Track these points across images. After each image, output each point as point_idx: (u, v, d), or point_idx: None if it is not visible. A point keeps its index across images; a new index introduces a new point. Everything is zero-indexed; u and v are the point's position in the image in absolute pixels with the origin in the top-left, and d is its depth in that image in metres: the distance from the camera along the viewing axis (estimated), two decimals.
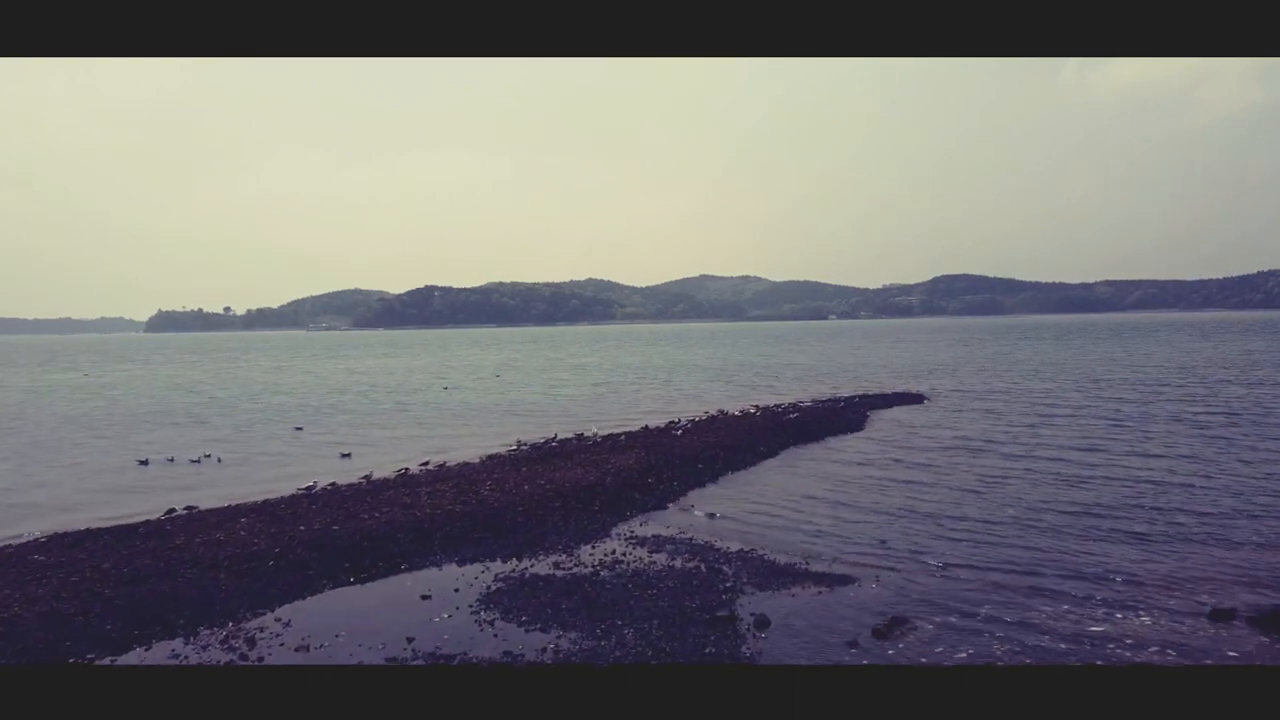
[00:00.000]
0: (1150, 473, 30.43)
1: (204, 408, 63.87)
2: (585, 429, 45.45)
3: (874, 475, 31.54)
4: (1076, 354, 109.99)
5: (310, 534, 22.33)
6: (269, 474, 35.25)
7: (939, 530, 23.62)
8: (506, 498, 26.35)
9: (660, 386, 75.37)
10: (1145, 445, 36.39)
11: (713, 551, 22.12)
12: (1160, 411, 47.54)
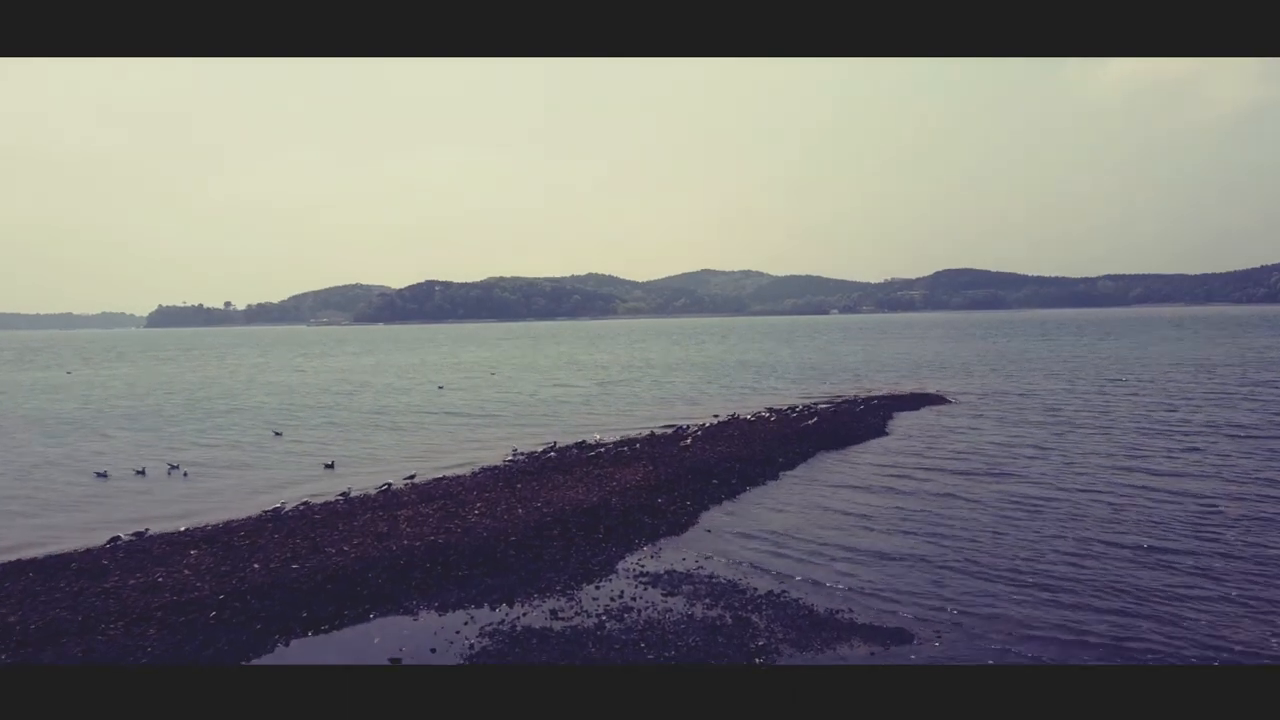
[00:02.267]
0: (1210, 497, 27.20)
1: (183, 410, 60.60)
2: (586, 436, 42.17)
3: (908, 494, 28.27)
4: (1087, 351, 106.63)
5: (265, 573, 19.06)
6: (236, 490, 31.99)
7: (993, 563, 20.37)
8: (497, 525, 23.07)
9: (663, 387, 72.04)
10: (1192, 459, 33.13)
11: (737, 594, 18.87)
12: (1196, 418, 44.25)
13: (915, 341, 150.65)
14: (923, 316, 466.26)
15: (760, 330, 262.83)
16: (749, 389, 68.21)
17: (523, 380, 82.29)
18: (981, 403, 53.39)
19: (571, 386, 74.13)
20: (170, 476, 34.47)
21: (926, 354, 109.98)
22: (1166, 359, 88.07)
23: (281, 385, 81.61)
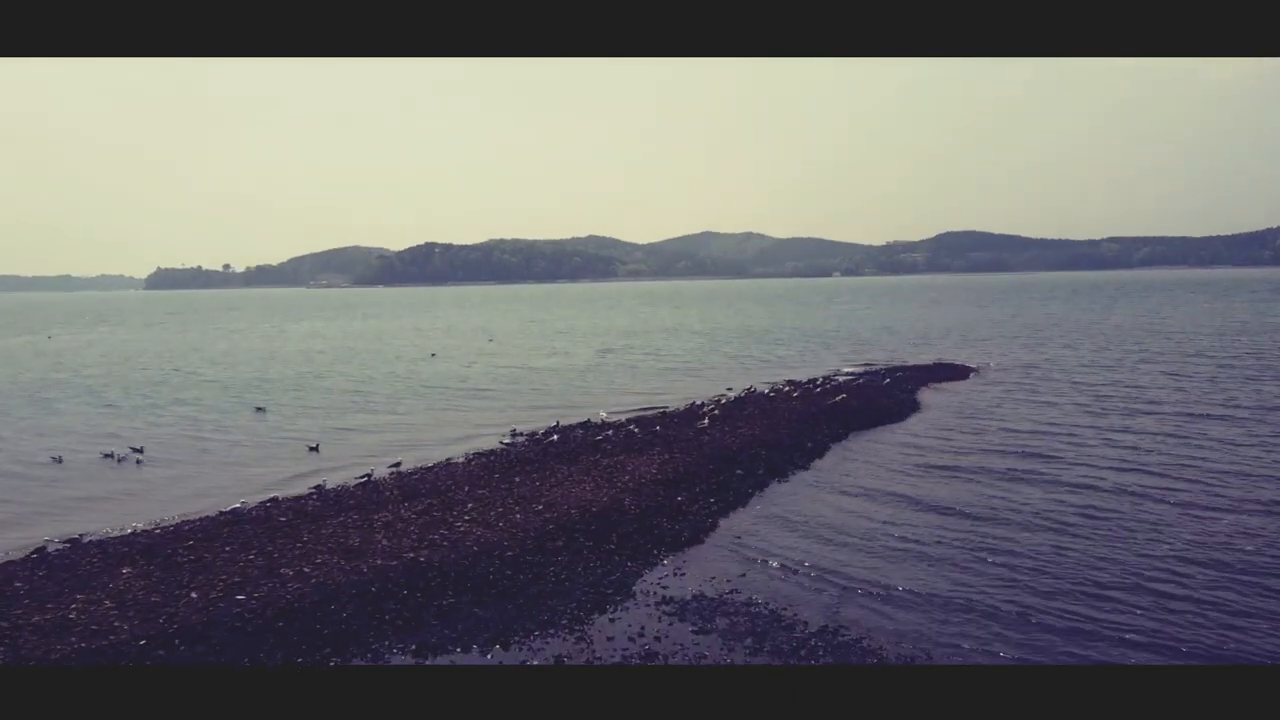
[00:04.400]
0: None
1: (162, 381, 56.92)
2: (590, 414, 38.56)
3: (955, 490, 24.67)
4: (1101, 318, 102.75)
5: (202, 606, 15.49)
6: (202, 478, 28.41)
7: (1079, 576, 16.86)
8: (490, 535, 19.48)
9: (667, 356, 68.24)
10: (1246, 444, 29.54)
11: (783, 631, 15.39)
12: (1238, 393, 40.60)
13: (924, 307, 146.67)
14: (926, 279, 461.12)
15: (763, 294, 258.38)
16: (757, 359, 64.45)
17: (521, 348, 78.59)
18: (1008, 376, 49.77)
19: (571, 355, 70.38)
20: (124, 462, 30.86)
21: (939, 321, 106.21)
22: (1185, 326, 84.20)
23: (270, 353, 77.90)
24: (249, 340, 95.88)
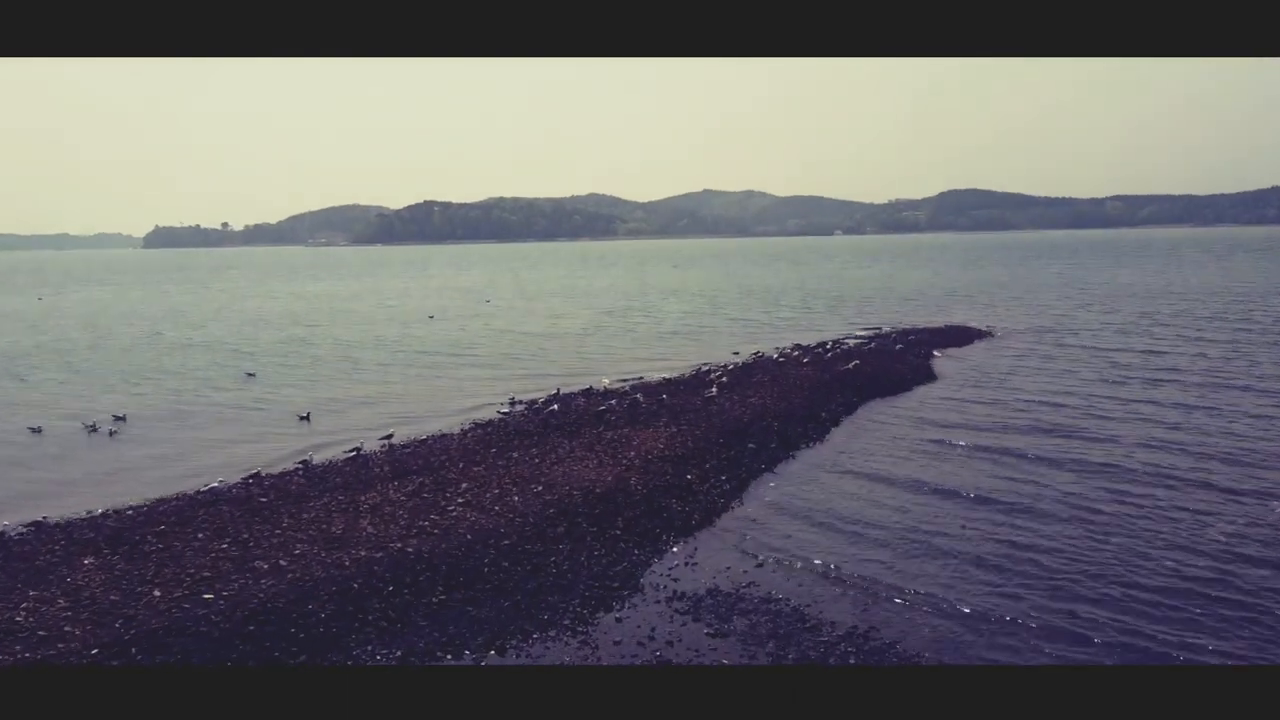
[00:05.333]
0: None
1: (149, 344, 55.35)
2: (593, 379, 37.01)
3: (980, 467, 23.21)
4: (1109, 278, 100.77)
5: (165, 607, 14.01)
6: (185, 451, 26.94)
7: (1121, 576, 15.42)
8: (486, 520, 17.98)
9: (669, 318, 66.53)
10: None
11: (808, 633, 13.96)
12: (1262, 360, 39.08)
13: (930, 267, 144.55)
14: (929, 238, 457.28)
15: (764, 253, 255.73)
16: (762, 322, 62.72)
17: (520, 310, 76.88)
18: (1020, 340, 48.16)
19: (572, 317, 68.66)
20: (105, 433, 29.37)
21: (945, 281, 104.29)
22: (1196, 287, 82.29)
23: (262, 315, 76.24)
24: (242, 301, 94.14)
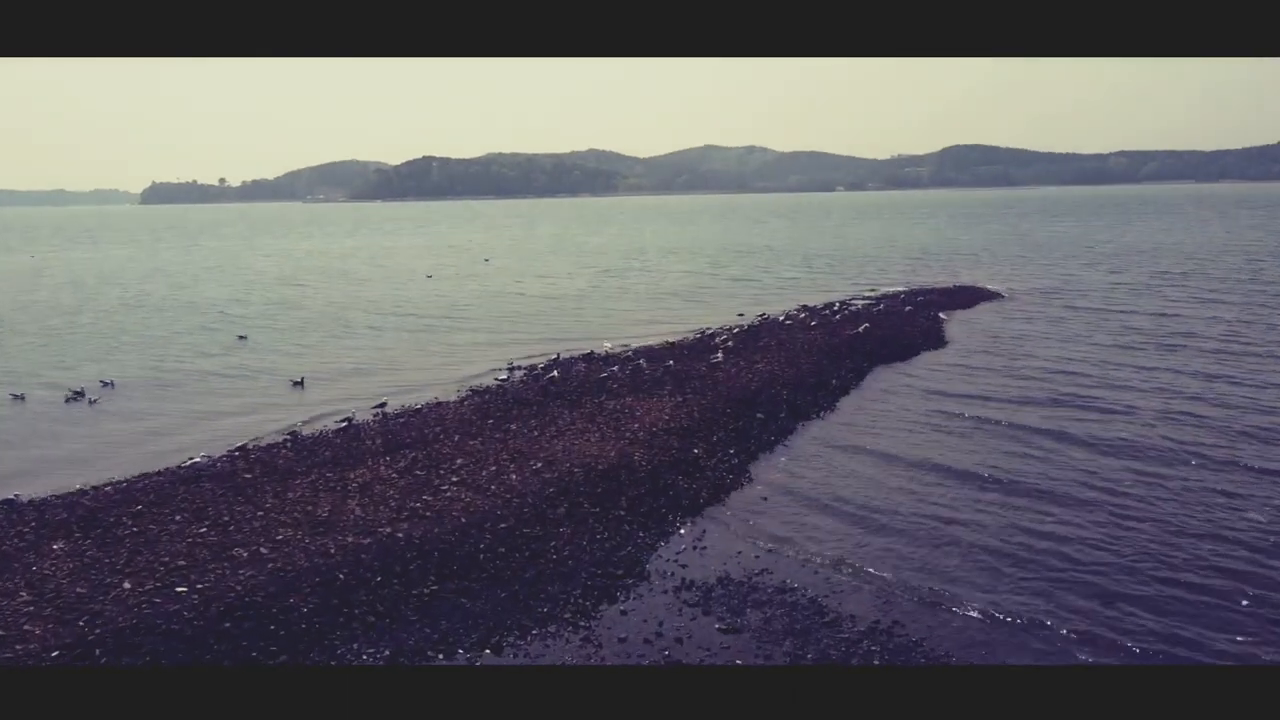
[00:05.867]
0: None
1: (139, 305, 54.14)
2: (593, 343, 35.84)
3: (998, 444, 22.14)
4: (1116, 236, 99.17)
5: (135, 603, 12.97)
6: (172, 419, 25.89)
7: (1153, 570, 14.43)
8: (481, 501, 16.93)
9: (670, 278, 65.08)
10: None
11: (826, 626, 12.99)
12: (1276, 321, 37.89)
13: (933, 225, 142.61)
14: (932, 195, 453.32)
15: (765, 210, 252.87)
16: (765, 282, 61.30)
17: (519, 269, 75.46)
18: (1030, 301, 47.00)
19: (572, 277, 67.23)
20: (90, 401, 28.29)
21: (950, 239, 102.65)
22: (1203, 246, 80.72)
23: (257, 273, 74.87)
24: (236, 259, 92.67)
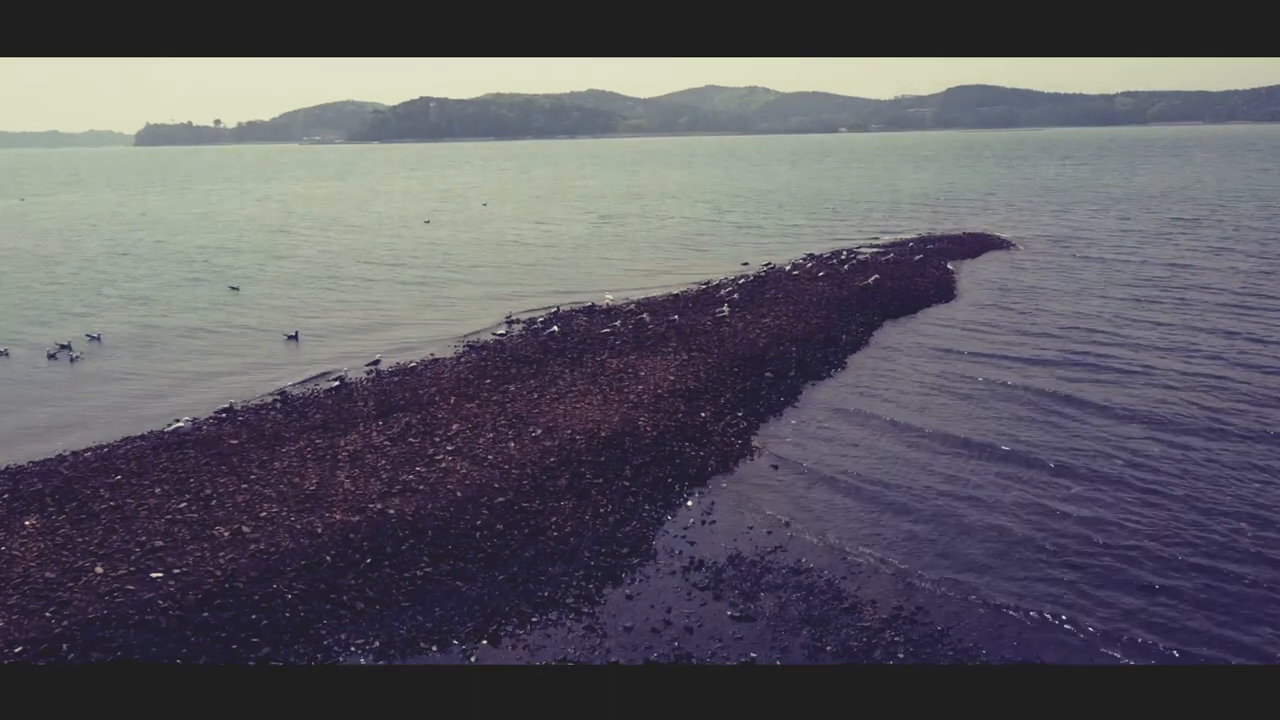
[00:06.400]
0: None
1: (126, 253, 52.91)
2: (594, 295, 34.76)
3: (1017, 410, 21.23)
4: (1124, 180, 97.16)
5: (108, 587, 12.15)
6: (156, 380, 24.98)
7: (1187, 553, 13.64)
8: (479, 471, 16.06)
9: (675, 225, 63.60)
10: None
11: (844, 612, 12.20)
12: None
13: (937, 168, 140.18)
14: (935, 136, 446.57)
15: (767, 152, 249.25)
16: (768, 229, 59.86)
17: (516, 214, 73.93)
18: (1041, 250, 45.86)
19: (570, 223, 65.77)
20: (74, 358, 27.35)
21: (956, 183, 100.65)
22: (1214, 191, 79.00)
23: (248, 222, 73.35)
24: (228, 204, 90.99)
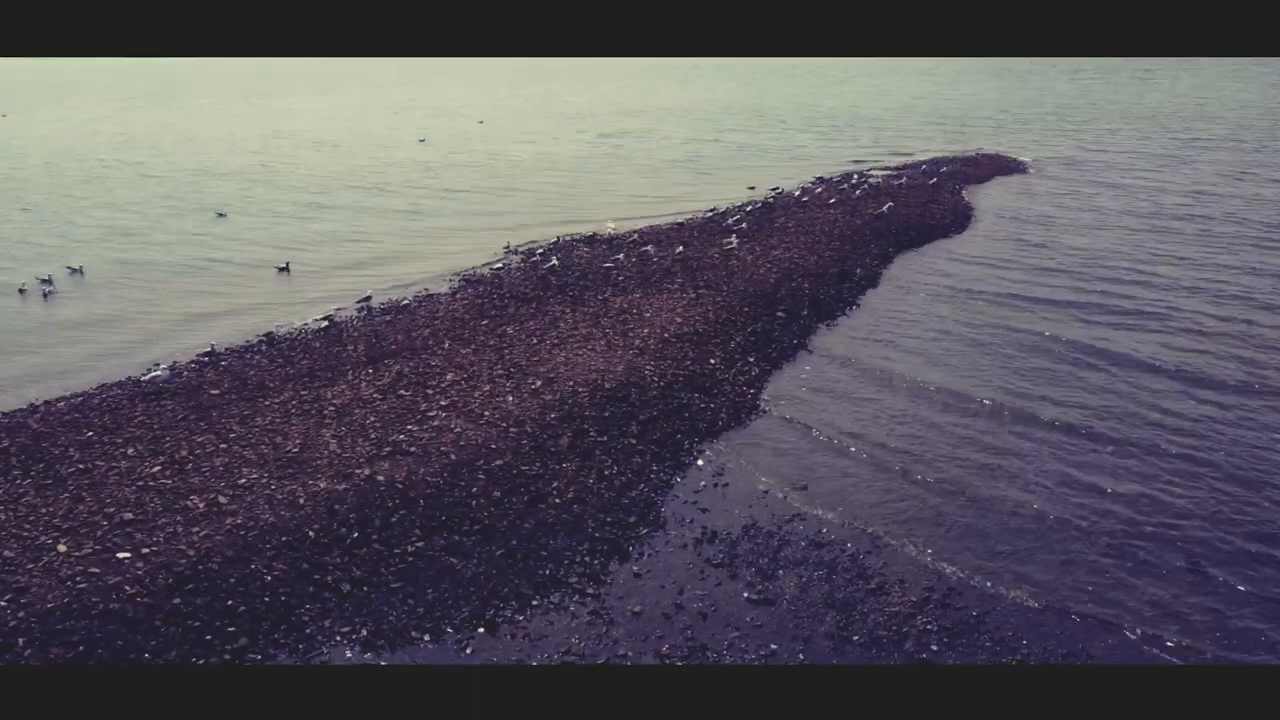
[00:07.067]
0: None
1: (105, 176, 51.01)
2: (596, 224, 33.21)
3: (1042, 353, 20.06)
4: (1136, 97, 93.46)
5: (70, 571, 11.13)
6: (136, 320, 23.75)
7: (1241, 525, 12.67)
8: (475, 429, 14.95)
9: (674, 144, 60.98)
10: None
11: (870, 594, 11.29)
12: None
13: (937, 81, 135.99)
14: None
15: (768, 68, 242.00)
16: (773, 148, 57.43)
17: (513, 133, 71.43)
18: (1056, 173, 44.35)
19: (568, 142, 63.25)
20: (48, 293, 26.09)
21: (964, 100, 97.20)
22: (1232, 108, 75.95)
23: (235, 139, 70.91)
24: (213, 121, 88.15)
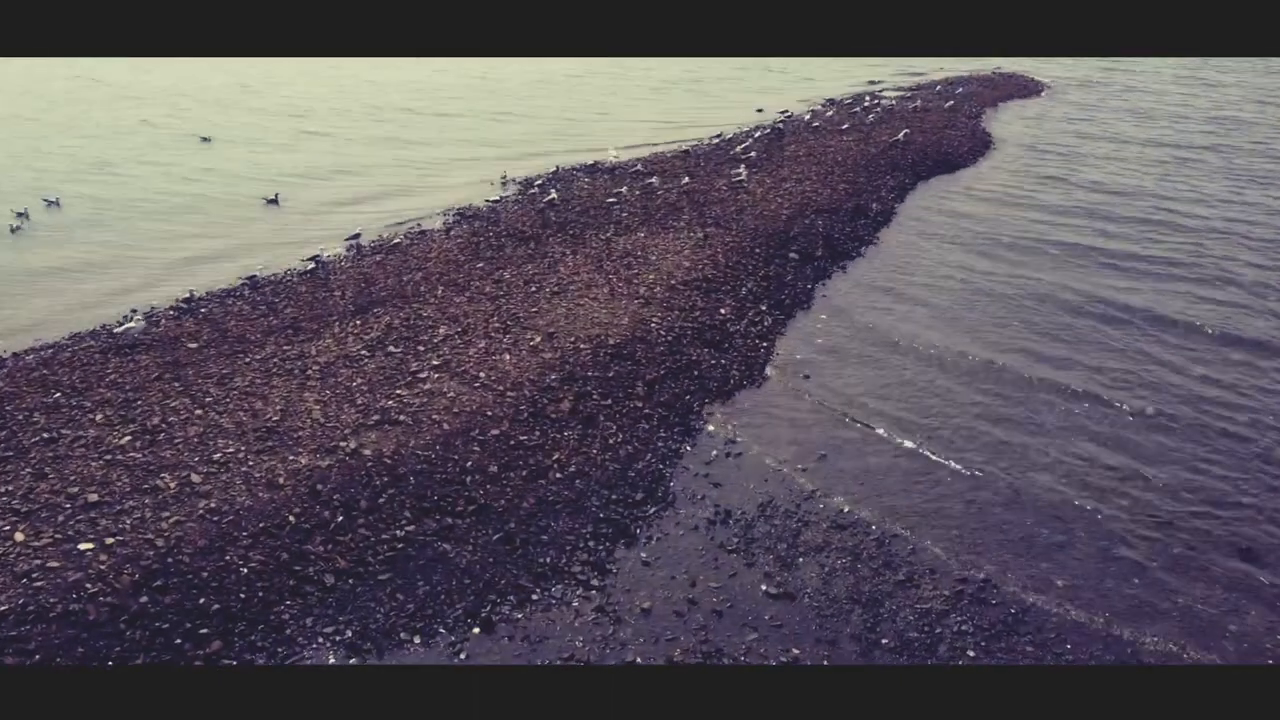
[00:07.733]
0: None
1: (77, 98, 49.03)
2: (597, 151, 31.57)
3: (1069, 308, 18.79)
4: None
5: (25, 566, 10.11)
6: (121, 256, 22.47)
7: None
8: (469, 393, 13.85)
9: (684, 62, 58.62)
10: None
11: (899, 585, 10.44)
12: None
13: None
14: None
15: None
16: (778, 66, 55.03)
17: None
18: (1074, 97, 43.15)
19: (569, 60, 60.79)
20: (20, 229, 24.74)
21: None
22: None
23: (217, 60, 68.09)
24: None
